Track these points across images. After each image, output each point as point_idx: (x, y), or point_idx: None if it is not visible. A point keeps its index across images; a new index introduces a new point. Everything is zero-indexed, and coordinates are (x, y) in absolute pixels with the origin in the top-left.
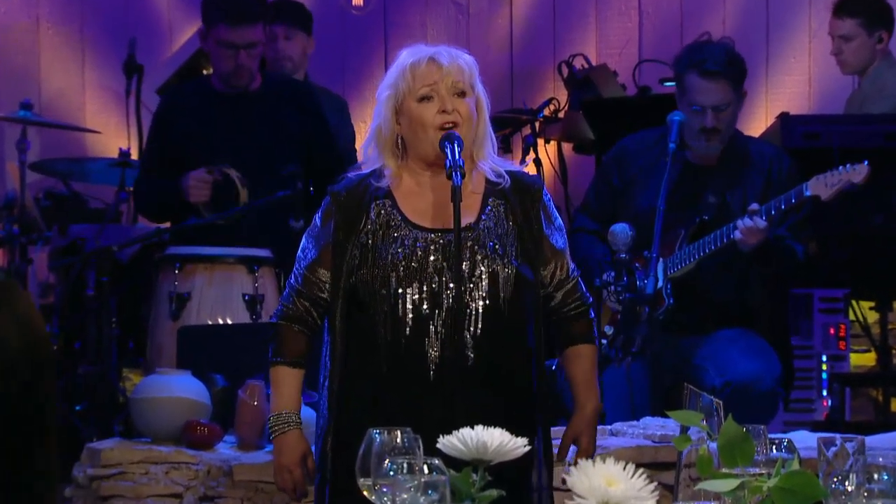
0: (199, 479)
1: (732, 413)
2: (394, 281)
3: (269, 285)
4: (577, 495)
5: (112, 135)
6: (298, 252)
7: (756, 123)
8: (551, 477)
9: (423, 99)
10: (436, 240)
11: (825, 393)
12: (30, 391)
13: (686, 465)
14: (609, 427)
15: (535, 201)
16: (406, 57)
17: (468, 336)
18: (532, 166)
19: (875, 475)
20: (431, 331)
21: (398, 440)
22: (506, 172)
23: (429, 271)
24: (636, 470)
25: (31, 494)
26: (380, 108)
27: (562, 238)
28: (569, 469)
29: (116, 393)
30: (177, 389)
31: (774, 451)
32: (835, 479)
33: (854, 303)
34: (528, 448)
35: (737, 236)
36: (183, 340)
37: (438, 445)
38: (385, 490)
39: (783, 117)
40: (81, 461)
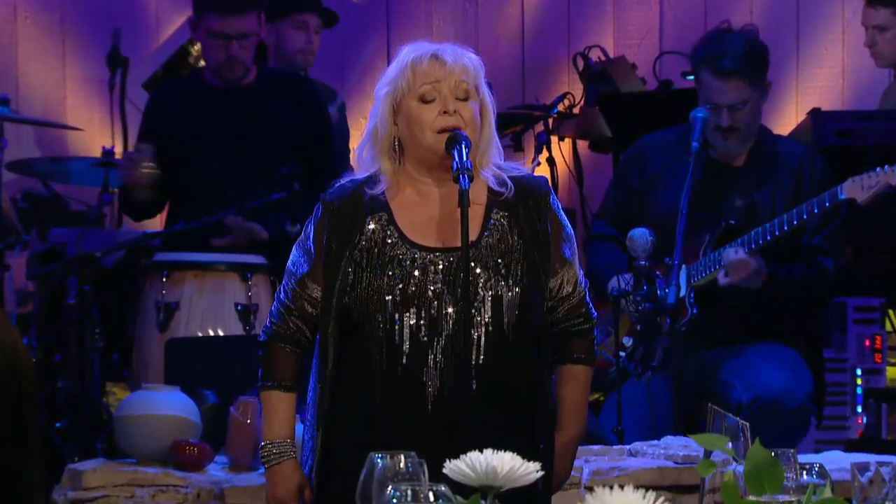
0: (189, 503)
1: (761, 431)
2: (390, 306)
3: (264, 294)
4: None
5: (95, 132)
6: (289, 264)
7: (785, 120)
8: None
9: (424, 99)
10: (436, 261)
11: (860, 409)
12: (10, 412)
13: (710, 491)
14: (628, 447)
15: (542, 209)
16: (407, 53)
17: (470, 365)
18: (545, 166)
19: None
20: (430, 360)
21: (401, 465)
22: (509, 179)
23: (428, 296)
24: (657, 498)
25: None
26: (377, 107)
27: (570, 248)
28: (583, 493)
29: (99, 409)
30: (164, 406)
31: (805, 477)
32: None
33: (891, 312)
34: (541, 473)
35: (721, 280)
36: (171, 353)
37: (445, 471)
38: None
39: (814, 113)
40: (62, 484)
